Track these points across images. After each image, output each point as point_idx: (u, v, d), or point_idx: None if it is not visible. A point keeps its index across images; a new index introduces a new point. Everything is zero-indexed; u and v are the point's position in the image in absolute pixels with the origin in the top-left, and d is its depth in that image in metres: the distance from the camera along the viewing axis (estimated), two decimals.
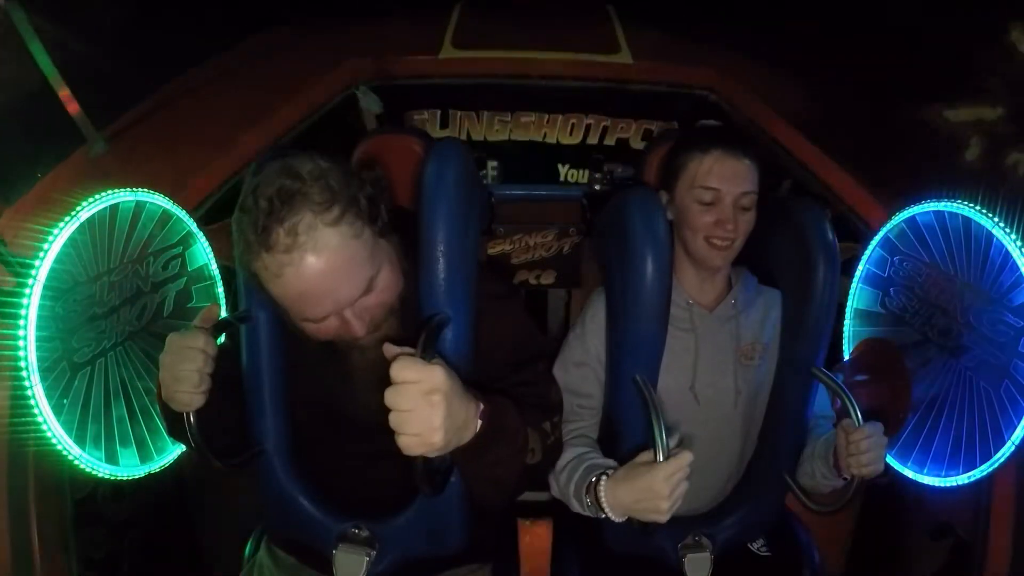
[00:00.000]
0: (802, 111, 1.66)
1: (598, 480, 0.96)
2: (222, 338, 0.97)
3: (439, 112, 2.01)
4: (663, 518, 0.87)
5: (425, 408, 0.72)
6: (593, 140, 2.08)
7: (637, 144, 2.06)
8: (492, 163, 2.04)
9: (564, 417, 1.11)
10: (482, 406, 0.81)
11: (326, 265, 0.80)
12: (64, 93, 1.29)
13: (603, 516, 0.98)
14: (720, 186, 1.09)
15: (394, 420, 0.72)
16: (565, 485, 1.05)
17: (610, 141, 2.08)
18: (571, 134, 2.08)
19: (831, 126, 1.62)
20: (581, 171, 2.13)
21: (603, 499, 0.94)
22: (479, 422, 0.81)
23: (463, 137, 2.02)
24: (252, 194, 0.81)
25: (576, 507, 1.04)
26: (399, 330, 0.94)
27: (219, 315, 0.95)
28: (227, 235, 1.16)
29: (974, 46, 1.68)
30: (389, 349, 0.76)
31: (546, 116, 2.04)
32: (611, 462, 1.02)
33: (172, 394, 0.89)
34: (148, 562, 1.33)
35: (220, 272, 1.38)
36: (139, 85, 1.67)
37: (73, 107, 1.32)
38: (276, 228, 0.78)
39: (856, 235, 1.41)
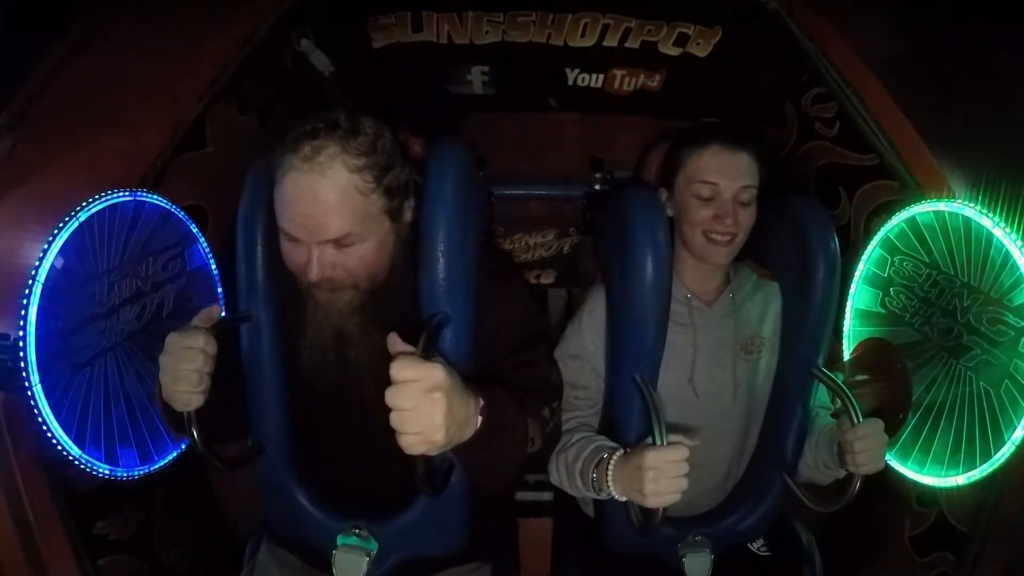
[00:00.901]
0: (877, 47, 1.39)
1: (610, 456, 0.97)
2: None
3: (409, 15, 1.53)
4: (646, 501, 0.88)
5: (426, 407, 0.72)
6: (611, 42, 1.59)
7: (668, 48, 1.60)
8: (481, 68, 1.67)
9: (562, 406, 1.11)
10: (482, 402, 0.82)
11: (321, 190, 0.86)
12: None
13: (602, 495, 0.99)
14: (718, 180, 1.09)
15: (395, 419, 0.72)
16: (573, 462, 1.05)
17: (633, 44, 1.59)
18: (583, 36, 1.59)
19: (906, 70, 1.36)
20: (595, 76, 1.70)
21: (609, 475, 0.96)
22: (480, 418, 0.81)
23: (443, 40, 1.57)
24: (318, 114, 0.89)
25: (577, 484, 1.04)
26: (359, 307, 0.95)
27: (219, 315, 0.95)
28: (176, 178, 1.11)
29: None
30: (393, 342, 0.76)
31: (550, 16, 1.53)
32: (619, 446, 1.02)
33: (172, 394, 0.89)
34: (176, 518, 1.32)
35: (220, 272, 1.38)
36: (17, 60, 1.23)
37: None
38: (309, 141, 0.86)
39: (898, 184, 1.28)
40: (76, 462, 1.04)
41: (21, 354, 0.94)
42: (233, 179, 1.05)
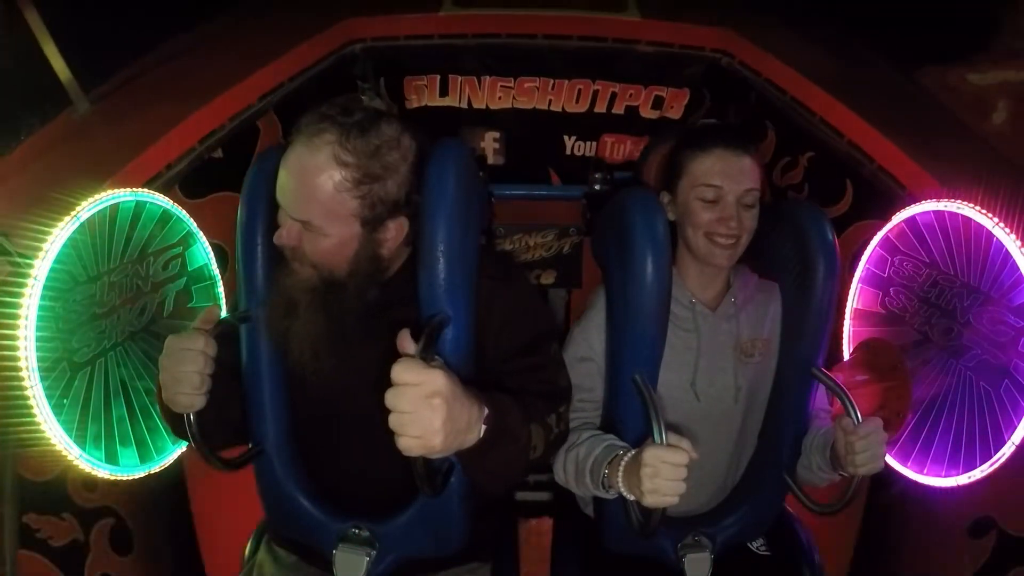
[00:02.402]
0: (822, 75, 1.55)
1: (624, 454, 0.97)
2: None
3: (439, 77, 1.88)
4: (644, 499, 0.88)
5: (426, 411, 0.72)
6: (601, 108, 1.91)
7: (648, 112, 1.92)
8: (493, 134, 1.94)
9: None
10: (487, 411, 0.81)
11: (302, 167, 0.89)
12: (52, 52, 1.28)
13: (610, 494, 0.99)
14: (723, 184, 1.09)
15: (394, 422, 0.72)
16: (583, 459, 1.04)
17: (619, 110, 1.91)
18: (577, 102, 1.91)
19: (851, 91, 1.51)
20: (588, 143, 1.98)
21: (620, 472, 0.95)
22: (483, 427, 0.81)
23: (464, 105, 1.91)
24: (344, 102, 0.93)
25: (586, 481, 1.04)
26: (314, 287, 0.95)
27: (219, 316, 0.95)
28: (214, 210, 1.16)
29: (1000, 8, 1.60)
30: (403, 340, 0.77)
31: (551, 81, 1.88)
32: (630, 446, 1.02)
33: (173, 396, 0.89)
34: (119, 555, 1.26)
35: (220, 271, 1.38)
36: (129, 48, 1.60)
37: (60, 67, 1.30)
38: (317, 122, 0.90)
39: (888, 196, 1.33)
40: (76, 462, 1.04)
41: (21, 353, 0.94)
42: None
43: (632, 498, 0.95)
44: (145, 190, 1.17)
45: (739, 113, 1.86)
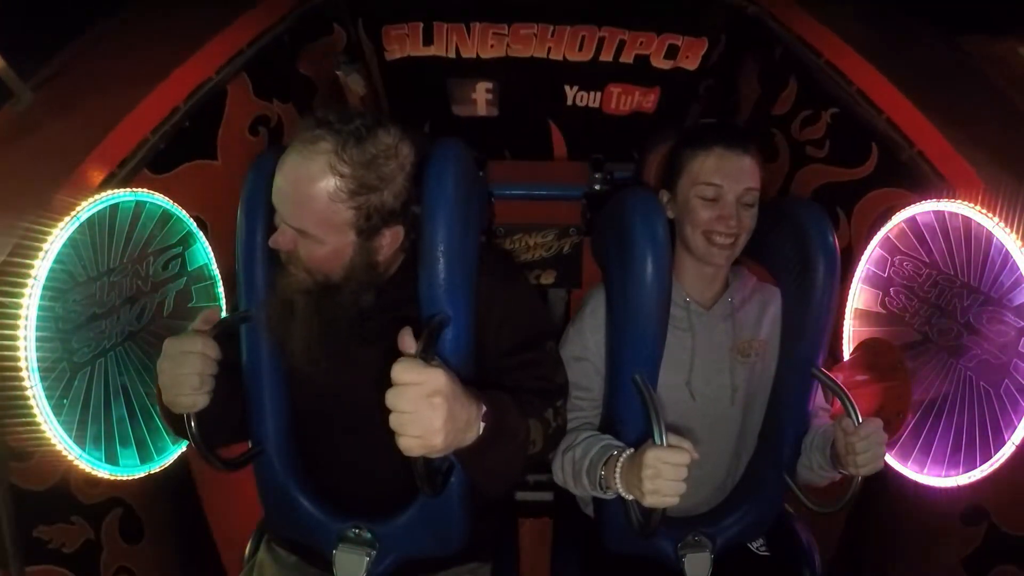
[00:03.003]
0: (857, 37, 1.37)
1: (619, 455, 0.97)
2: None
3: (421, 25, 1.63)
4: (644, 500, 0.88)
5: (426, 410, 0.72)
6: (607, 57, 1.67)
7: (660, 62, 1.67)
8: (485, 84, 1.71)
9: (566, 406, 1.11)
10: (484, 408, 0.82)
11: (297, 175, 0.89)
12: None
13: (608, 494, 1.00)
14: (722, 182, 1.09)
15: (395, 421, 0.72)
16: (580, 459, 1.05)
17: (627, 59, 1.67)
18: (580, 50, 1.66)
19: (889, 57, 1.34)
20: (593, 94, 1.76)
21: (618, 472, 0.96)
22: (482, 424, 0.81)
23: (451, 55, 1.66)
24: (344, 110, 0.92)
25: (583, 482, 1.04)
26: (307, 290, 0.96)
27: (219, 316, 0.95)
28: (187, 182, 1.13)
29: None
30: (405, 338, 0.77)
31: (550, 28, 1.61)
32: (627, 446, 1.02)
33: (173, 398, 0.89)
34: (130, 544, 1.24)
35: (220, 272, 1.38)
36: (58, 32, 1.40)
37: None
38: (315, 129, 0.89)
39: (913, 173, 1.22)
40: (76, 462, 1.04)
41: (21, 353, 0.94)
42: (237, 198, 1.06)
43: (631, 498, 0.95)
44: (145, 190, 1.17)
45: (759, 61, 1.67)
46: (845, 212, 1.40)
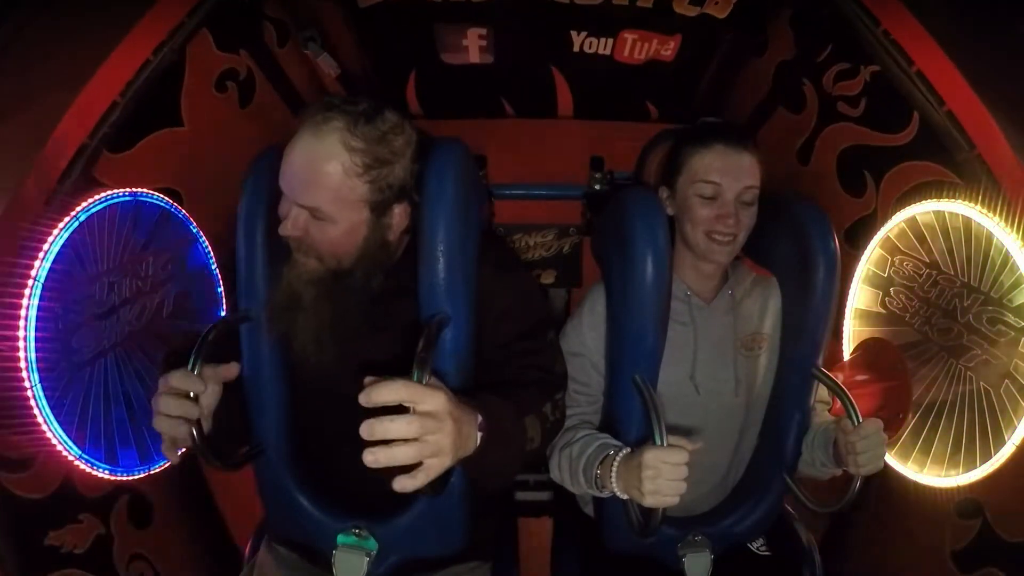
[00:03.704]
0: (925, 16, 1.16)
1: (615, 454, 0.97)
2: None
3: None
4: (644, 500, 0.89)
5: (434, 432, 0.73)
6: (621, 0, 1.44)
7: (684, 8, 1.45)
8: (478, 31, 1.50)
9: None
10: (480, 419, 0.82)
11: (311, 153, 0.89)
12: None
13: (604, 493, 1.00)
14: (721, 180, 1.09)
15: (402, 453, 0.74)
16: (576, 458, 1.05)
17: (645, 3, 1.44)
18: None
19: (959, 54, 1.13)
20: (603, 40, 1.53)
21: (613, 472, 0.96)
22: (479, 435, 0.82)
23: None
24: (345, 96, 0.92)
25: (580, 480, 1.05)
26: (318, 280, 0.95)
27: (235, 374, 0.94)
28: (152, 155, 1.08)
29: None
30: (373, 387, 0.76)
31: None
32: (623, 445, 1.02)
33: (174, 438, 0.88)
34: (140, 529, 1.22)
35: (220, 271, 1.38)
36: None
37: None
38: (323, 111, 0.90)
39: (940, 141, 1.11)
40: (76, 462, 1.04)
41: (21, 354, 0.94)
42: (210, 162, 0.99)
43: (627, 498, 0.95)
44: (145, 190, 1.17)
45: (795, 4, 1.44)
46: (874, 178, 1.32)
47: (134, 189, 1.15)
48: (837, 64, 1.36)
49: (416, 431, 0.72)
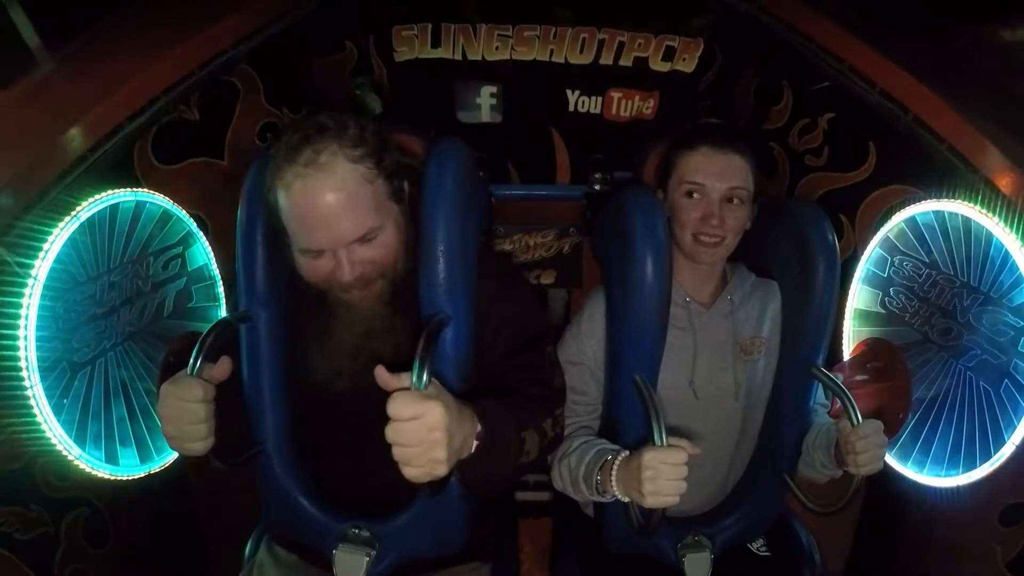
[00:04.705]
0: (850, 21, 1.35)
1: (613, 459, 0.98)
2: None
3: (430, 26, 1.67)
4: (644, 501, 0.89)
5: (428, 443, 0.74)
6: (607, 60, 1.70)
7: (658, 64, 1.70)
8: (490, 89, 1.74)
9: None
10: (479, 427, 0.82)
11: (334, 191, 0.86)
12: (19, 17, 1.18)
13: (606, 498, 1.00)
14: (705, 181, 1.10)
15: (399, 455, 0.74)
16: (576, 467, 1.05)
17: (626, 61, 1.70)
18: (582, 52, 1.69)
19: (881, 38, 1.30)
20: (593, 99, 1.76)
21: (613, 476, 0.96)
22: (475, 442, 0.82)
23: (458, 56, 1.70)
24: (294, 127, 0.90)
25: (581, 488, 1.05)
26: (388, 299, 0.96)
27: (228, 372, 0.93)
28: (190, 177, 1.11)
29: None
30: (382, 376, 0.77)
31: (553, 29, 1.66)
32: (621, 448, 1.02)
33: (180, 446, 0.88)
34: (95, 548, 1.18)
35: (220, 273, 1.38)
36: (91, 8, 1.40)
37: (28, 32, 1.20)
38: (305, 148, 0.87)
39: (917, 156, 1.17)
40: (76, 462, 1.04)
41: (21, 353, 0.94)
42: (238, 199, 1.05)
43: (628, 500, 0.95)
44: (145, 190, 1.17)
45: (755, 72, 1.71)
46: (849, 218, 1.38)
47: (135, 189, 1.15)
48: (800, 121, 1.52)
49: (406, 440, 0.74)
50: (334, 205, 0.86)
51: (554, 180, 1.92)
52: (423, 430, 0.73)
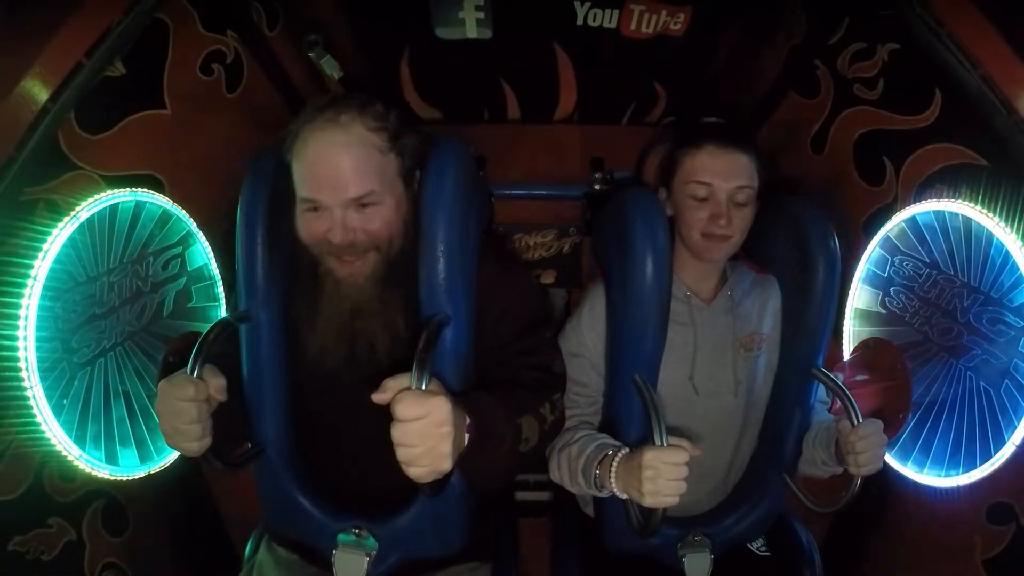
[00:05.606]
0: None
1: (614, 454, 0.98)
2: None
3: None
4: (644, 500, 0.89)
5: (436, 438, 0.74)
6: None
7: None
8: (476, 2, 1.34)
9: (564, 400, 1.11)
10: (468, 420, 0.83)
11: (345, 147, 0.91)
12: None
13: (603, 493, 1.00)
14: (712, 180, 1.10)
15: (404, 455, 0.75)
16: (575, 458, 1.05)
17: None
18: None
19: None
20: (609, 12, 1.36)
21: (612, 472, 0.97)
22: (467, 436, 0.83)
23: None
24: (320, 96, 0.96)
25: (579, 480, 1.05)
26: (378, 279, 0.96)
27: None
28: (134, 138, 1.05)
29: None
30: (377, 395, 0.78)
31: None
32: (623, 445, 1.02)
33: (177, 445, 0.89)
34: (115, 536, 1.17)
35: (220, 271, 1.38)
36: None
37: None
38: (328, 109, 0.93)
39: (966, 118, 1.02)
40: (76, 462, 1.04)
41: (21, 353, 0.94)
42: (195, 149, 0.93)
43: (626, 498, 0.95)
44: (145, 190, 1.17)
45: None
46: (894, 165, 1.24)
47: (135, 189, 1.14)
48: (853, 44, 1.29)
49: (413, 440, 0.75)
50: (343, 158, 0.91)
51: (556, 108, 1.61)
52: (430, 427, 0.74)
